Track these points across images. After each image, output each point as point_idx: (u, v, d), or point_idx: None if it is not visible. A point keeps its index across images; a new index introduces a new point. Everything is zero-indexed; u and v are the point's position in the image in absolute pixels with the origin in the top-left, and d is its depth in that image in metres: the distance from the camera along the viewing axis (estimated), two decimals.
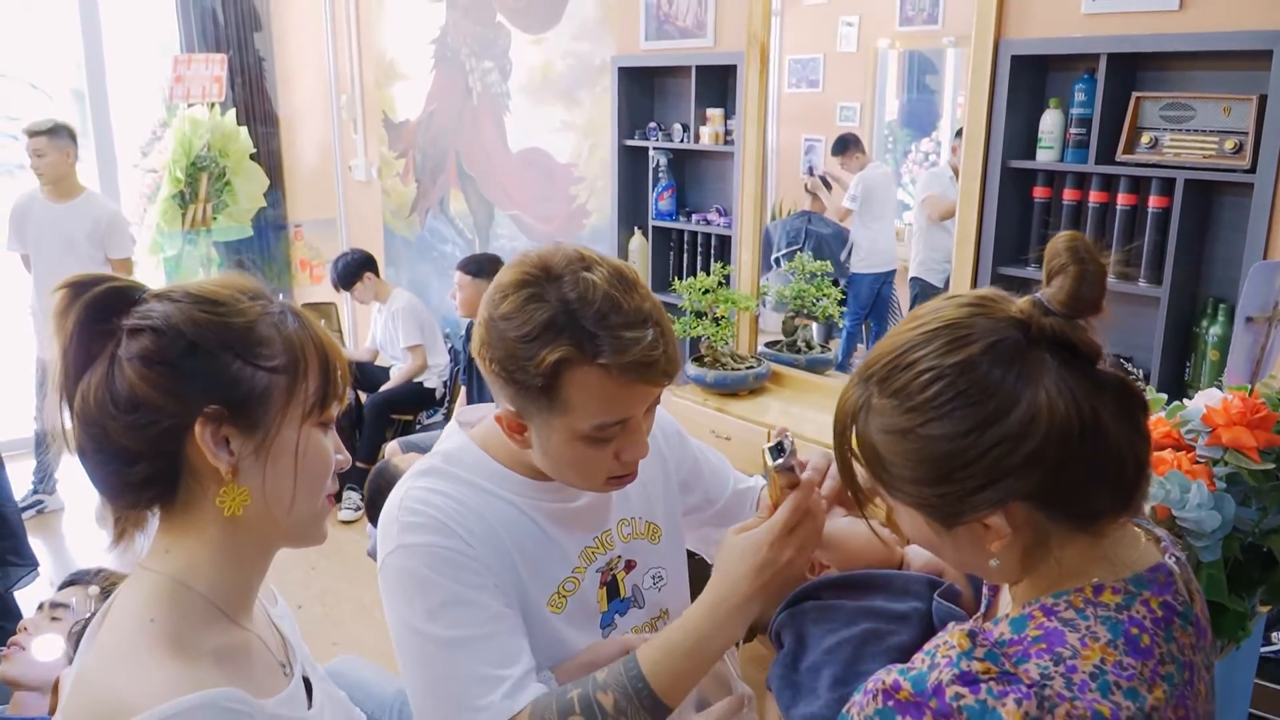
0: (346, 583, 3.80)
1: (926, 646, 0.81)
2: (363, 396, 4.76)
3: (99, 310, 0.91)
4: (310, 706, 1.02)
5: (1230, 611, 1.32)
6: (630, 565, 1.30)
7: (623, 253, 4.07)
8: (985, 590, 1.00)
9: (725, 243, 3.74)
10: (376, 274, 4.75)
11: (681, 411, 3.31)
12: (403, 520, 1.15)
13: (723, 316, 3.40)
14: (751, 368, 3.38)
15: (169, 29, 5.43)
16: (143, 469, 0.91)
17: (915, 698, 0.76)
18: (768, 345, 3.64)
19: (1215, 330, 2.44)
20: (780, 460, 1.06)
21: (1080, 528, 0.83)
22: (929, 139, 4.60)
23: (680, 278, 3.64)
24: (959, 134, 4.18)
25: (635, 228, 4.04)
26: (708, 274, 3.47)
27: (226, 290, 0.95)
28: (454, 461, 1.22)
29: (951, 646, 0.78)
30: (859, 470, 0.89)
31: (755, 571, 1.05)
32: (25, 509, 4.28)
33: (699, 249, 3.86)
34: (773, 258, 3.80)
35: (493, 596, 1.13)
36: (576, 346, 1.05)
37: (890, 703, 0.78)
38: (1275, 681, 1.62)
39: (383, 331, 4.81)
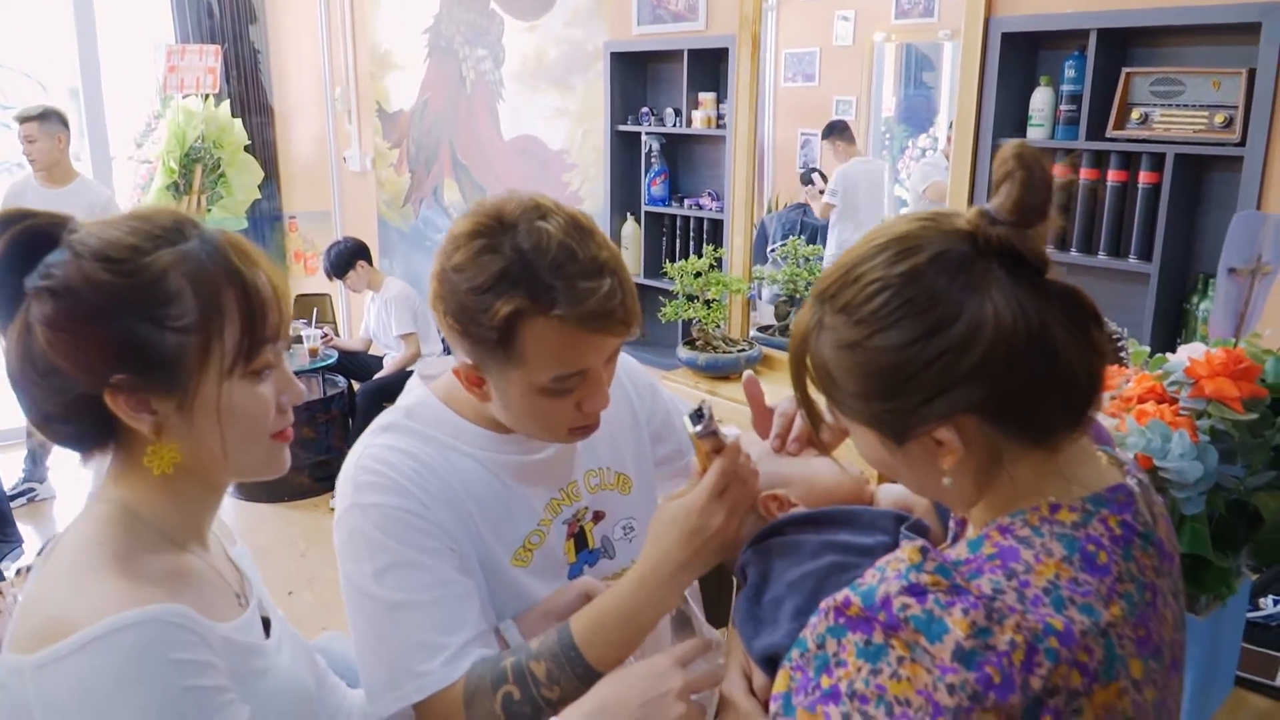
0: (336, 570, 3.77)
1: (878, 563, 0.79)
2: (355, 385, 4.75)
3: (10, 263, 0.88)
4: (268, 638, 1.01)
5: (1213, 567, 1.31)
6: (599, 516, 1.29)
7: (615, 239, 4.06)
8: (952, 524, 0.99)
9: (718, 227, 3.74)
10: (369, 262, 4.74)
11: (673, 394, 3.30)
12: (359, 480, 1.14)
13: (714, 300, 3.39)
14: (743, 350, 3.37)
15: (164, 22, 5.43)
16: (72, 428, 0.90)
17: (865, 612, 0.75)
18: (760, 330, 3.63)
19: (1206, 305, 2.43)
20: (699, 427, 1.04)
21: (1033, 443, 0.81)
22: (926, 135, 4.59)
23: (672, 262, 3.63)
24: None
25: (628, 214, 4.03)
26: (700, 258, 3.46)
27: (135, 238, 0.89)
28: (415, 417, 1.20)
29: (901, 560, 0.77)
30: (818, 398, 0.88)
31: (686, 539, 1.03)
32: (16, 497, 4.27)
33: (691, 234, 3.85)
34: (768, 250, 3.80)
35: (443, 560, 1.12)
36: (531, 298, 1.02)
37: (841, 619, 0.77)
38: (1264, 646, 1.60)
39: (376, 320, 4.80)
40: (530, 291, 1.02)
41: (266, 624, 1.04)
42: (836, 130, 4.45)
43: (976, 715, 0.70)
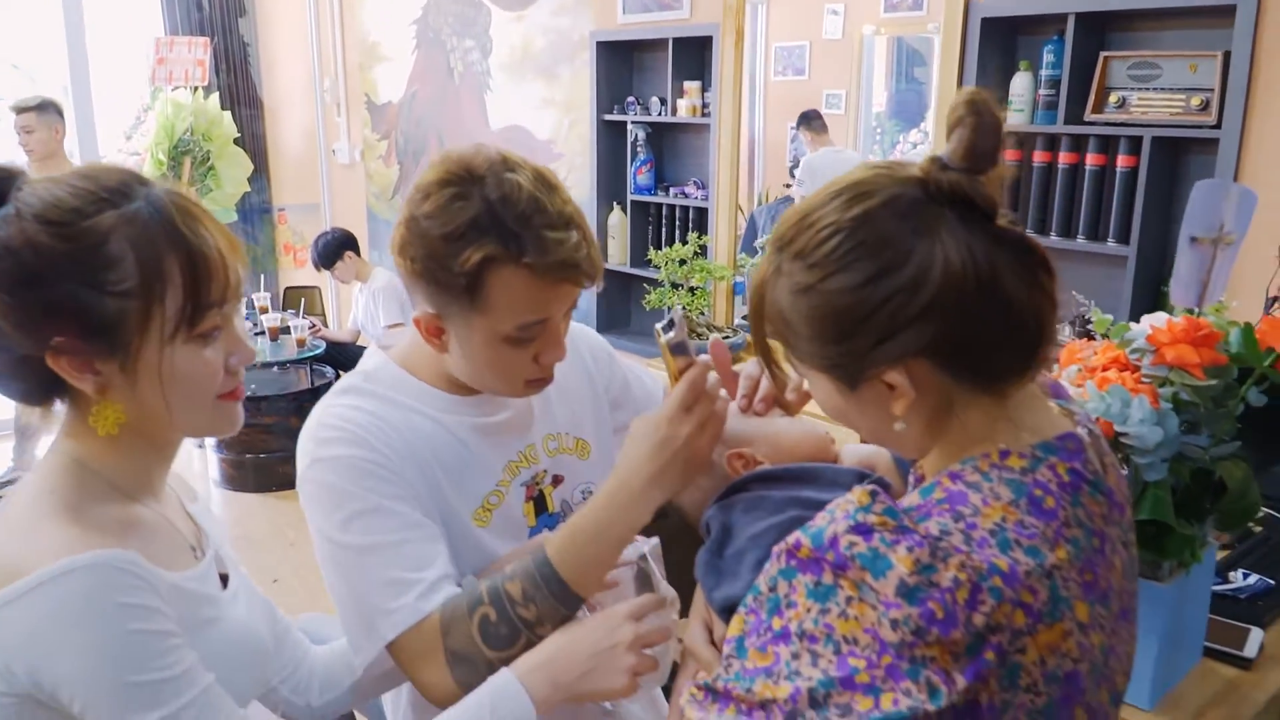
0: None
1: (829, 506, 0.80)
2: (344, 375, 4.75)
3: None
4: (225, 590, 1.02)
5: (1175, 533, 1.32)
6: (558, 480, 1.29)
7: (602, 228, 4.07)
8: (911, 478, 1.00)
9: (703, 215, 3.75)
10: (357, 253, 4.75)
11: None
12: (319, 435, 1.15)
13: (698, 287, 3.41)
14: (728, 338, 3.38)
15: (153, 14, 5.43)
16: (21, 385, 0.91)
17: (814, 553, 0.76)
18: (745, 318, 3.64)
19: None
20: (670, 334, 1.06)
21: (984, 388, 0.82)
22: (917, 130, 4.61)
23: (659, 250, 3.64)
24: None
25: (614, 203, 4.04)
26: (685, 245, 3.47)
27: (78, 201, 0.87)
28: (373, 379, 1.21)
29: (850, 502, 0.78)
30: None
31: (654, 450, 1.04)
32: (6, 484, 4.27)
33: (677, 222, 3.86)
34: (756, 243, 3.81)
35: (409, 505, 1.13)
36: (502, 245, 1.04)
37: (792, 562, 0.78)
38: (1233, 618, 1.62)
39: (364, 311, 4.80)
40: (500, 240, 1.04)
41: (225, 579, 1.05)
42: (807, 119, 4.48)
43: (920, 650, 0.72)
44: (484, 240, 1.04)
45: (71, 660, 0.82)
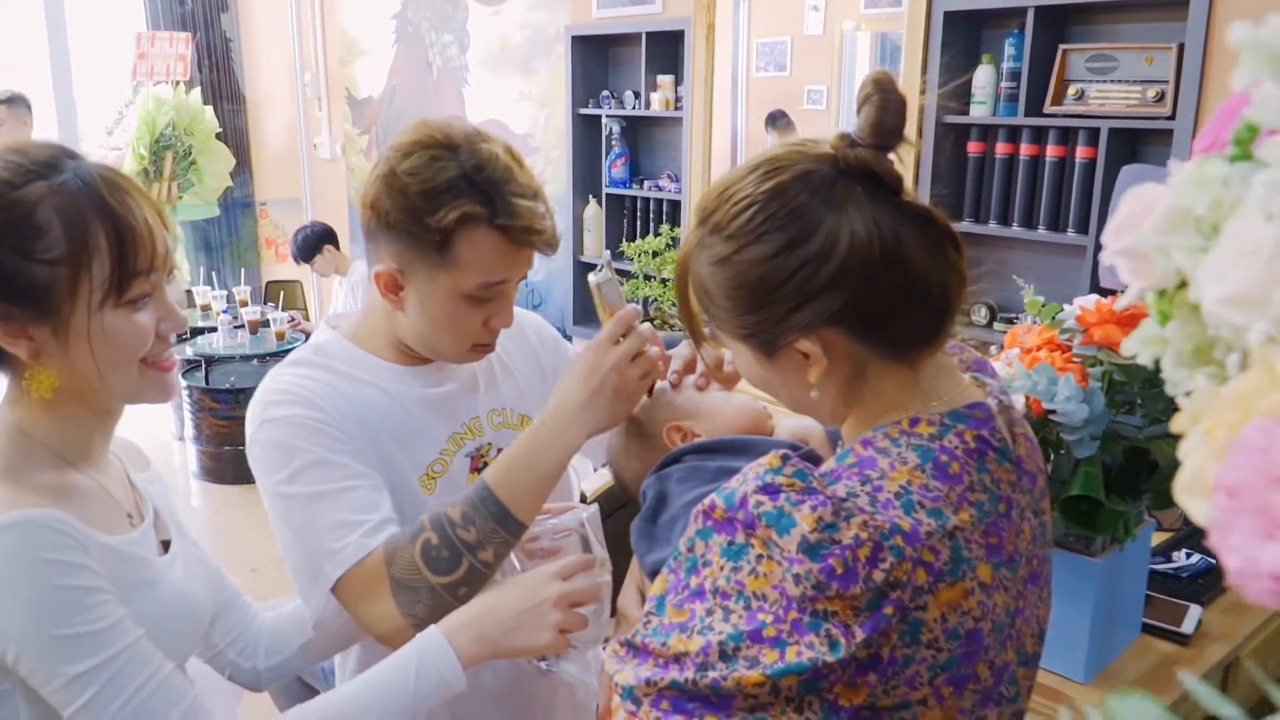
0: None
1: (744, 469, 0.83)
2: None
3: None
4: (164, 556, 1.05)
5: (1106, 509, 1.36)
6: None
7: (578, 222, 4.10)
8: (838, 451, 1.04)
9: (677, 208, 3.78)
10: (336, 246, 4.76)
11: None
12: (267, 400, 1.19)
13: (670, 278, 3.44)
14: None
15: (134, 9, 5.44)
16: None
17: (727, 513, 0.79)
18: None
19: None
20: (601, 273, 1.17)
21: (893, 357, 0.86)
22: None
23: (632, 242, 3.67)
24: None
25: (589, 196, 4.07)
26: (657, 238, 3.50)
27: (12, 167, 0.91)
28: (321, 352, 1.25)
29: (762, 465, 0.81)
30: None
31: (584, 377, 1.12)
32: None
33: (651, 215, 3.90)
34: None
35: (354, 459, 1.16)
36: (478, 205, 1.10)
37: (708, 522, 0.81)
38: (1174, 595, 1.66)
39: (344, 305, 4.81)
40: (476, 200, 1.11)
41: (167, 546, 1.08)
42: (773, 119, 4.53)
43: (821, 604, 0.75)
44: (461, 199, 1.10)
45: (2, 615, 0.86)
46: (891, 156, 0.84)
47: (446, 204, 1.10)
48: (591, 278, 1.18)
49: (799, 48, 5.62)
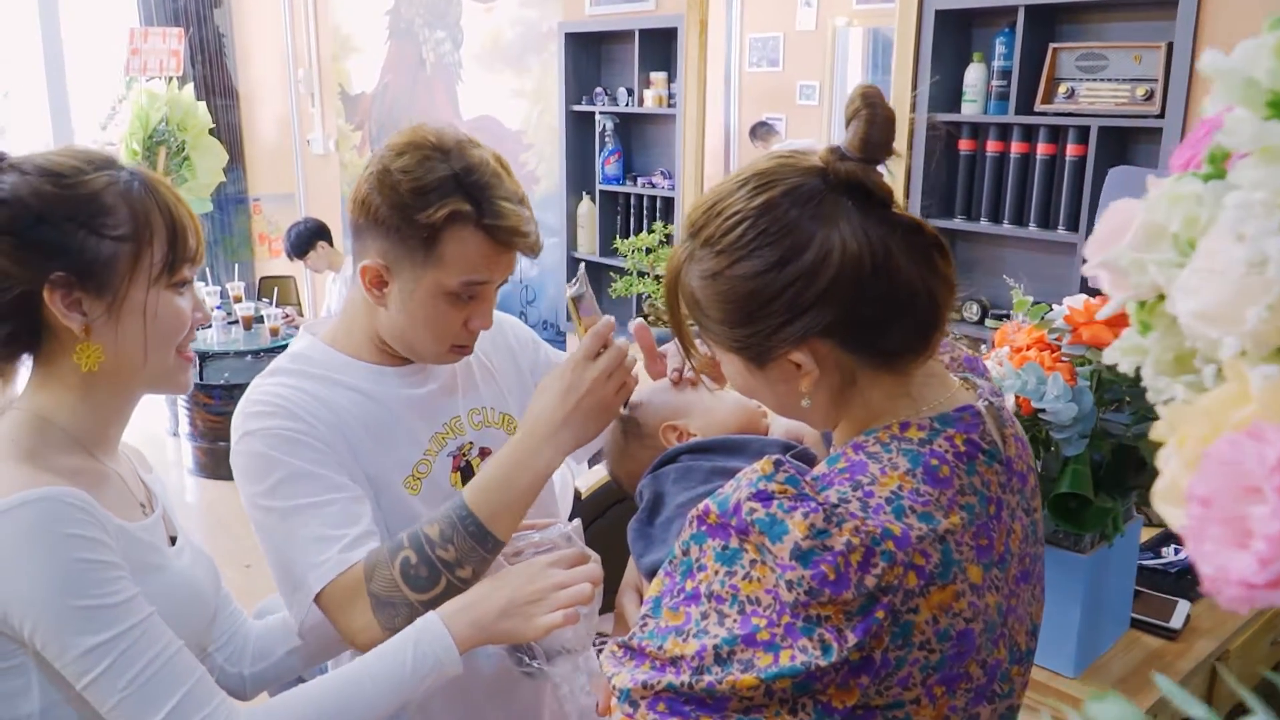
0: None
1: (738, 474, 0.85)
2: None
3: None
4: (172, 547, 1.08)
5: (1094, 506, 1.37)
6: (485, 452, 1.35)
7: (571, 218, 4.11)
8: (830, 450, 1.05)
9: (670, 204, 3.79)
10: (330, 243, 4.76)
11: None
12: (248, 412, 1.20)
13: (664, 274, 3.45)
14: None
15: (128, 5, 5.43)
16: (4, 329, 0.98)
17: (721, 519, 0.81)
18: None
19: None
20: (574, 288, 1.20)
21: (883, 366, 0.87)
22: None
23: (625, 239, 3.68)
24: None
25: (583, 192, 4.07)
26: (651, 234, 3.51)
27: (75, 161, 1.00)
28: (299, 359, 1.26)
29: (755, 471, 0.82)
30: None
31: (561, 396, 1.13)
32: None
33: (645, 211, 3.90)
34: None
35: (335, 471, 1.18)
36: (466, 204, 1.14)
37: (703, 527, 0.82)
38: (1162, 591, 1.68)
39: (338, 301, 4.82)
40: (465, 200, 1.15)
41: (173, 541, 1.11)
42: (753, 131, 4.56)
43: (813, 609, 0.76)
44: (452, 198, 1.14)
45: (21, 585, 0.90)
46: (880, 168, 0.86)
47: (436, 202, 1.13)
48: (567, 290, 1.21)
49: (791, 43, 5.65)
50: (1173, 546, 1.83)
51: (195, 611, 1.10)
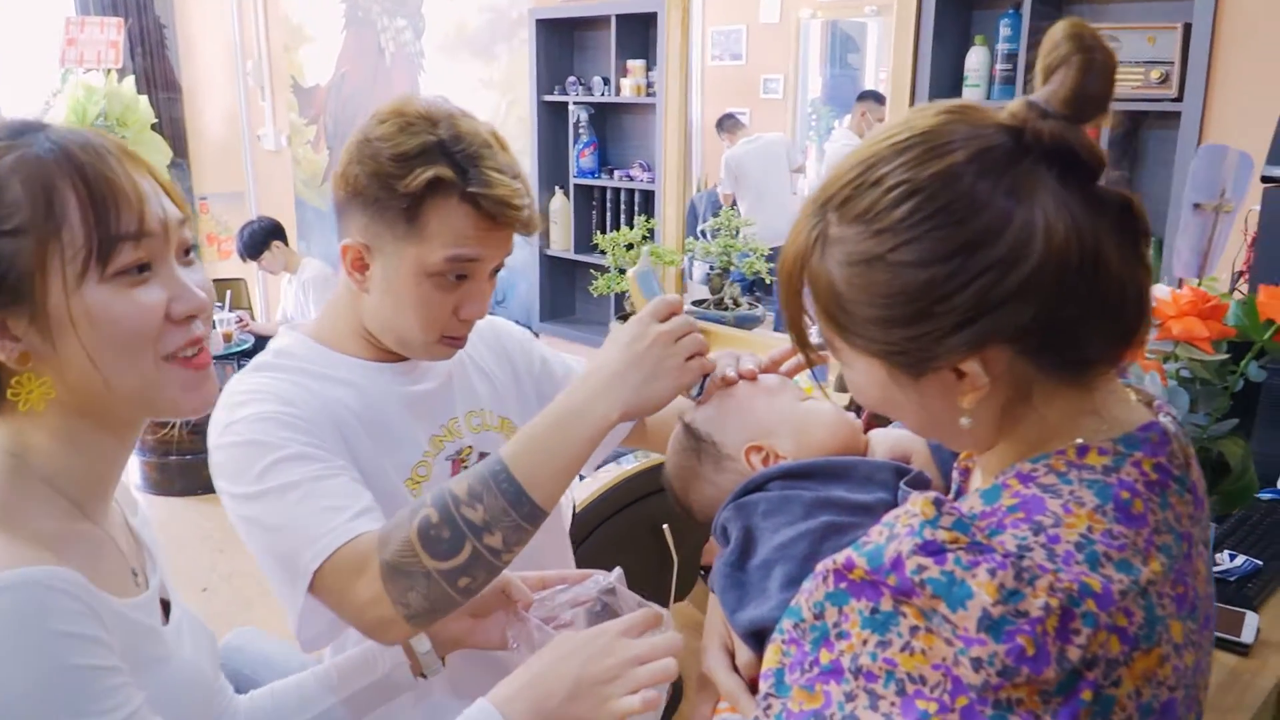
0: (255, 564, 3.61)
1: (884, 519, 0.68)
2: None
3: None
4: (167, 623, 0.88)
5: None
6: (484, 457, 1.21)
7: (544, 214, 3.95)
8: (955, 474, 0.89)
9: (649, 198, 3.66)
10: (285, 242, 4.56)
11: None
12: (232, 403, 1.08)
13: None
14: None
15: None
16: None
17: (871, 575, 0.65)
18: (694, 304, 3.56)
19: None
20: (639, 266, 1.11)
21: (1069, 378, 0.71)
22: (851, 115, 4.58)
23: (604, 235, 3.53)
24: (860, 97, 4.19)
25: (556, 187, 3.92)
26: (632, 229, 3.37)
27: None
28: (286, 355, 1.16)
29: (914, 515, 0.66)
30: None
31: (624, 345, 0.99)
32: None
33: (622, 206, 3.77)
34: (699, 229, 3.73)
35: (331, 454, 1.06)
36: (450, 170, 1.06)
37: (843, 584, 0.66)
38: (1224, 602, 1.56)
39: (294, 304, 4.61)
40: (449, 166, 1.07)
41: (166, 607, 0.91)
42: (720, 124, 4.47)
43: (1006, 692, 0.61)
44: (433, 164, 1.06)
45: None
46: None
47: (418, 166, 1.05)
48: (630, 270, 1.12)
49: (755, 35, 5.52)
50: (1226, 552, 1.72)
51: (198, 707, 0.91)
